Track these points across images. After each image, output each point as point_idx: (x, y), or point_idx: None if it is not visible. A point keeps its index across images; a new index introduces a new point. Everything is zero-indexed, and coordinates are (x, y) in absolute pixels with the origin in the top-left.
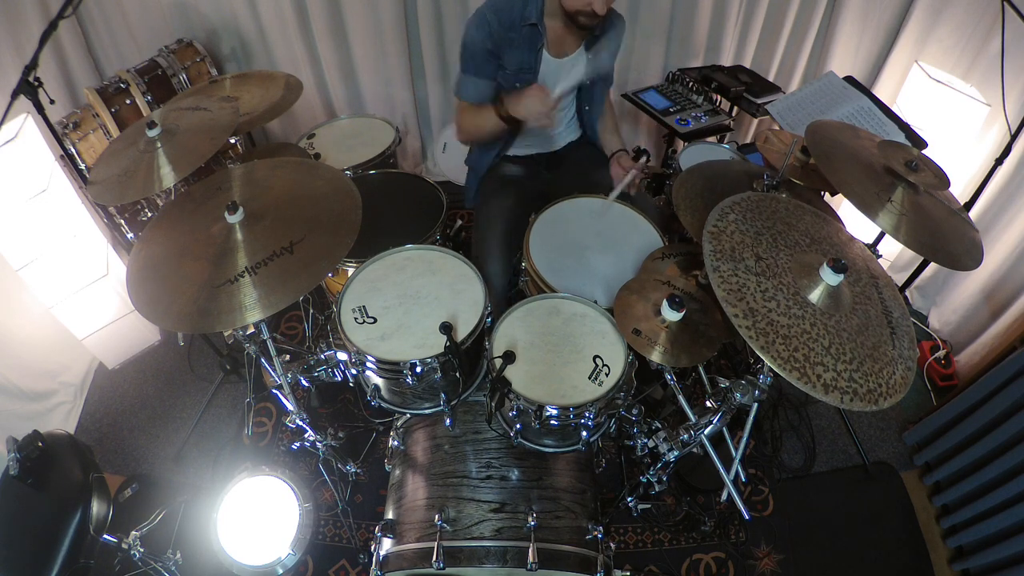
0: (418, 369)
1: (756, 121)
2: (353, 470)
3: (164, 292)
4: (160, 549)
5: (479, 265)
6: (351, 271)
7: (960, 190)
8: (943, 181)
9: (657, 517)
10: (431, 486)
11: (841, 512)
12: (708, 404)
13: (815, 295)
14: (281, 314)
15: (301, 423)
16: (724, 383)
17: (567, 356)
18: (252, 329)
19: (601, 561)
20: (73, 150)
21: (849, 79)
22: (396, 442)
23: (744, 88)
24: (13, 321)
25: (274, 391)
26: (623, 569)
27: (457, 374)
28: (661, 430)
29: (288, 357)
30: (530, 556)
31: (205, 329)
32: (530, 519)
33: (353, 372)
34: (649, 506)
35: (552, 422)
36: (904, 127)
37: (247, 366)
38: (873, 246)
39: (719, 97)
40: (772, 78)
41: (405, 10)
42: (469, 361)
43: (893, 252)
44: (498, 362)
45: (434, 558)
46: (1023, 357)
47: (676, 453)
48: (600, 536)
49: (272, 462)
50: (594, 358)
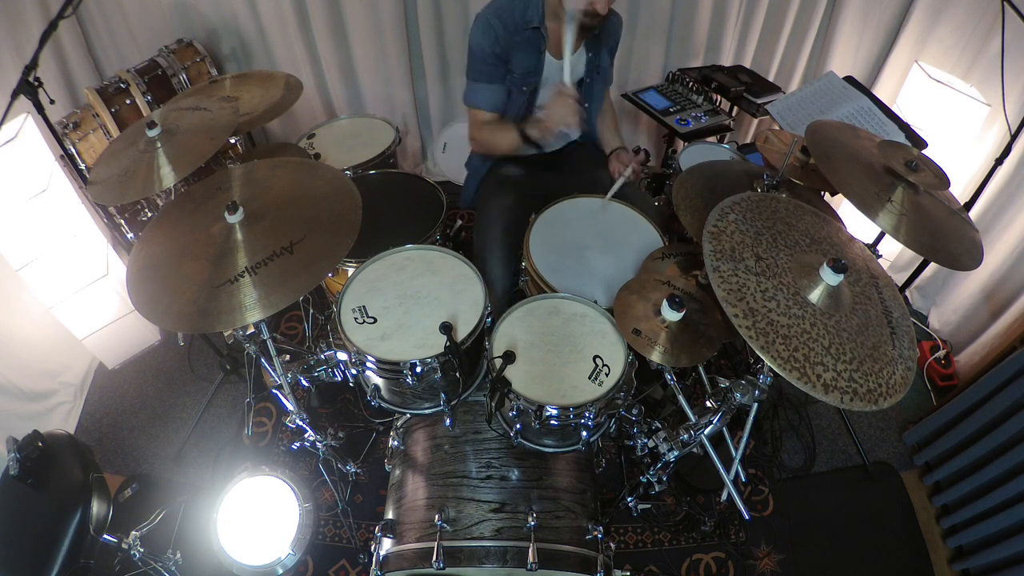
0: (418, 369)
1: (756, 121)
2: (353, 470)
3: (164, 292)
4: (160, 549)
5: (480, 266)
6: (351, 271)
7: (960, 190)
8: (943, 181)
9: (657, 517)
10: (431, 486)
11: (841, 512)
12: (708, 404)
13: (815, 295)
14: (281, 314)
15: (301, 423)
16: (724, 383)
17: (567, 356)
18: (252, 329)
19: (601, 561)
20: (73, 150)
21: (849, 79)
22: (396, 442)
23: (744, 88)
24: (13, 321)
25: (274, 391)
26: (623, 569)
27: (457, 374)
28: (661, 430)
29: (288, 357)
30: (530, 556)
31: (205, 329)
32: (530, 519)
33: (353, 372)
34: (649, 506)
35: (552, 422)
36: (904, 127)
37: (247, 366)
38: (873, 246)
39: (719, 97)
40: (772, 78)
41: (405, 10)
42: (469, 361)
43: (893, 252)
44: (498, 362)
45: (434, 558)
46: (1023, 357)
47: (676, 453)
48: (600, 536)
49: (272, 462)
50: (594, 358)
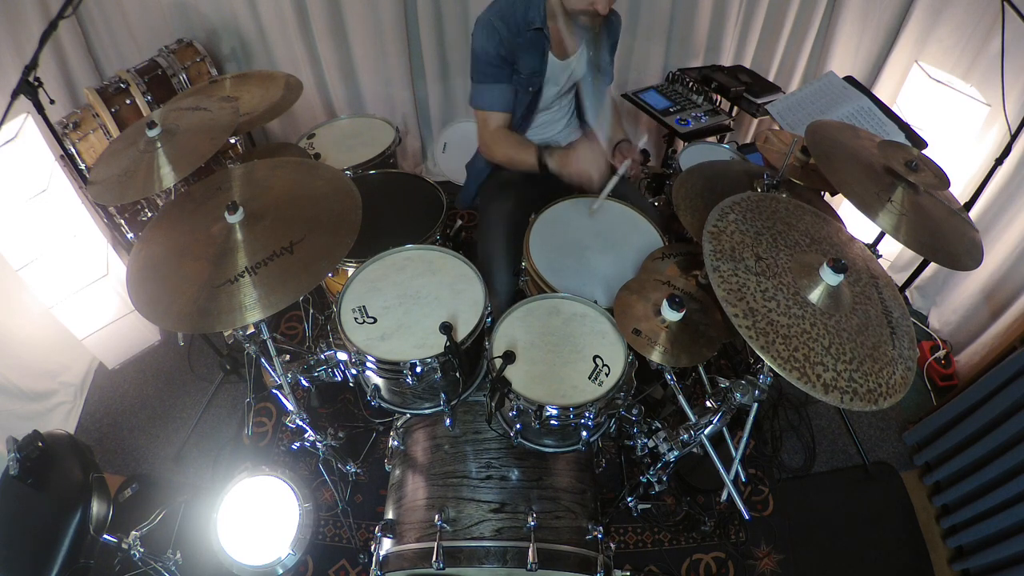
0: (418, 369)
1: (756, 121)
2: (353, 470)
3: (164, 292)
4: (160, 549)
5: (484, 270)
6: (351, 271)
7: (960, 190)
8: (943, 181)
9: (657, 517)
10: (431, 486)
11: (841, 512)
12: (708, 404)
13: (815, 295)
14: (281, 314)
15: (301, 423)
16: (724, 383)
17: (567, 356)
18: (252, 329)
19: (601, 561)
20: (73, 150)
21: (849, 79)
22: (396, 442)
23: (744, 88)
24: (13, 321)
25: (274, 391)
26: (623, 569)
27: (457, 374)
28: (661, 430)
29: (288, 357)
30: (530, 556)
31: (205, 329)
32: (530, 519)
33: (353, 372)
34: (649, 506)
35: (552, 422)
36: (904, 127)
37: (247, 366)
38: (873, 246)
39: (719, 97)
40: (772, 78)
41: (405, 10)
42: (469, 361)
43: (893, 252)
44: (498, 362)
45: (434, 558)
46: (1023, 357)
47: (676, 453)
48: (600, 536)
49: (272, 462)
50: (594, 358)
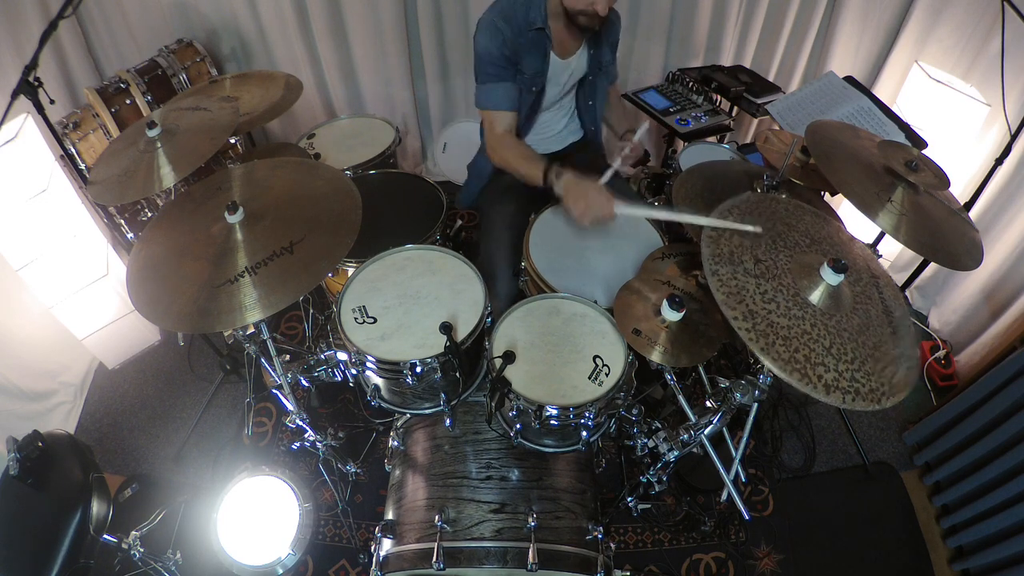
0: (418, 369)
1: (756, 121)
2: (353, 470)
3: (164, 292)
4: (160, 549)
5: (486, 271)
6: (351, 271)
7: (960, 190)
8: (943, 181)
9: (657, 517)
10: (431, 486)
11: (841, 512)
12: (708, 404)
13: (816, 296)
14: (281, 314)
15: (301, 423)
16: (724, 383)
17: (567, 356)
18: (252, 329)
19: (601, 561)
20: (73, 150)
21: (849, 79)
22: (396, 442)
23: (744, 88)
24: (13, 321)
25: (274, 391)
26: (623, 569)
27: (457, 374)
28: (661, 430)
29: (288, 357)
30: (530, 556)
31: (205, 329)
32: (530, 519)
33: (353, 372)
34: (649, 506)
35: (552, 422)
36: (904, 127)
37: (247, 366)
38: (873, 246)
39: (719, 97)
40: (772, 78)
41: (405, 10)
42: (469, 361)
43: (893, 252)
44: (498, 362)
45: (434, 559)
46: (1023, 357)
47: (676, 453)
48: (600, 536)
49: (272, 462)
50: (594, 358)
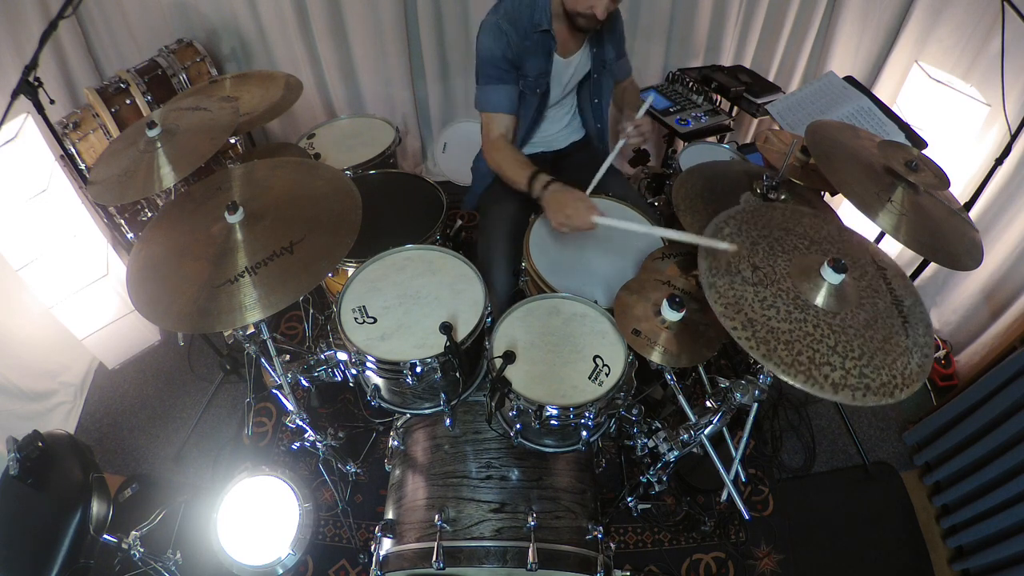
0: (418, 369)
1: (756, 121)
2: (353, 470)
3: (164, 292)
4: (160, 549)
5: (484, 270)
6: (351, 271)
7: (960, 190)
8: (943, 181)
9: (657, 517)
10: (431, 486)
11: (841, 512)
12: (708, 404)
13: (819, 296)
14: (281, 314)
15: (301, 423)
16: (724, 383)
17: (567, 356)
18: (252, 329)
19: (601, 561)
20: (73, 150)
21: (849, 79)
22: (396, 442)
23: (744, 88)
24: (13, 321)
25: (274, 391)
26: (623, 569)
27: (457, 374)
28: (661, 430)
29: (288, 357)
30: (530, 556)
31: (205, 329)
32: (530, 519)
33: (353, 372)
34: (649, 506)
35: (552, 422)
36: (904, 127)
37: (247, 366)
38: None
39: (719, 97)
40: (772, 78)
41: (405, 10)
42: (469, 361)
43: (893, 252)
44: (498, 362)
45: (434, 558)
46: (1023, 357)
47: (676, 453)
48: (600, 536)
49: (272, 462)
50: (594, 358)
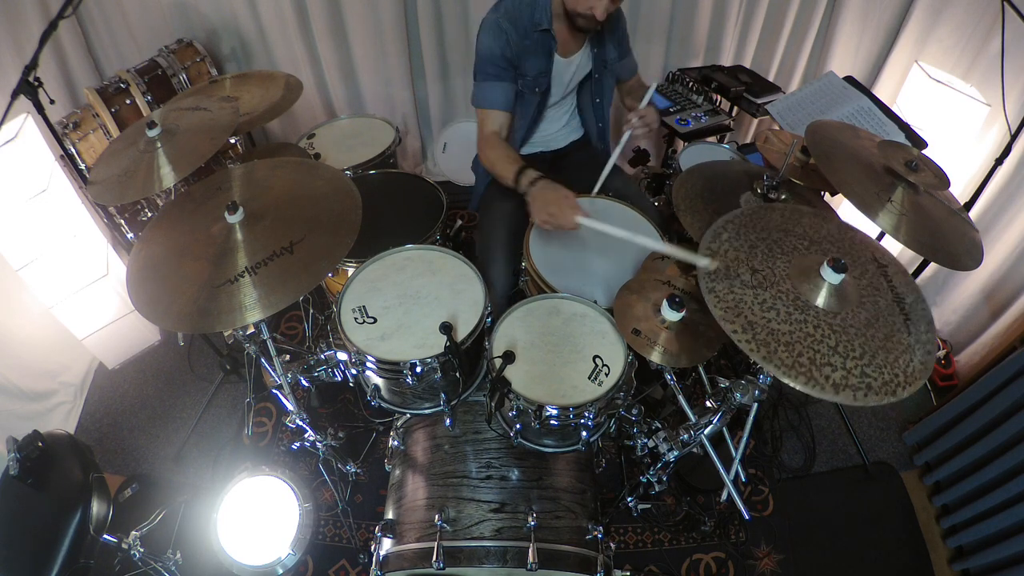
0: (418, 369)
1: (756, 121)
2: (353, 470)
3: (164, 292)
4: (160, 549)
5: (482, 268)
6: (351, 271)
7: (960, 190)
8: (943, 181)
9: (657, 517)
10: (431, 486)
11: (841, 512)
12: (708, 404)
13: (819, 297)
14: (281, 314)
15: (301, 423)
16: (724, 383)
17: (567, 356)
18: (252, 329)
19: (601, 561)
20: (73, 150)
21: (849, 79)
22: (396, 442)
23: (744, 88)
24: (13, 321)
25: (274, 391)
26: (623, 569)
27: (457, 374)
28: (661, 430)
29: (288, 357)
30: (530, 556)
31: (205, 329)
32: (530, 519)
33: (353, 372)
34: (649, 506)
35: (552, 422)
36: (904, 127)
37: (247, 366)
38: None
39: (719, 97)
40: (772, 78)
41: (405, 10)
42: (469, 361)
43: (893, 252)
44: (498, 362)
45: (434, 558)
46: (1023, 357)
47: (676, 453)
48: (600, 536)
49: (272, 462)
50: (594, 358)
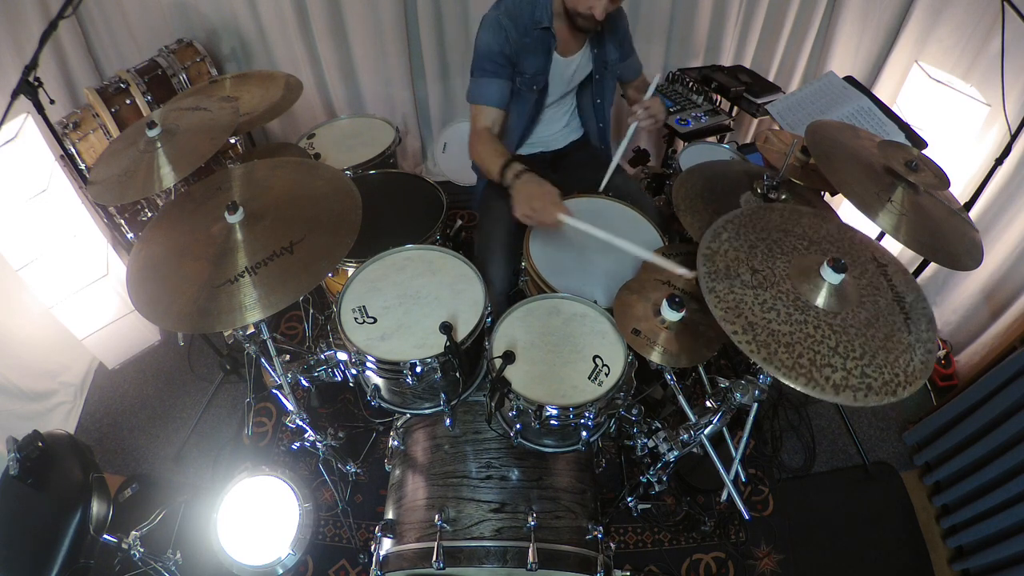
0: (418, 369)
1: (756, 121)
2: (353, 470)
3: (164, 292)
4: (160, 549)
5: (481, 266)
6: (351, 271)
7: (960, 190)
8: (943, 181)
9: (657, 517)
10: (431, 486)
11: (841, 512)
12: (708, 404)
13: (819, 297)
14: (281, 314)
15: (301, 423)
16: (724, 383)
17: (567, 356)
18: (252, 329)
19: (601, 561)
20: (73, 150)
21: (849, 79)
22: (396, 442)
23: (744, 88)
24: (13, 321)
25: (274, 391)
26: (623, 569)
27: (457, 374)
28: (661, 430)
29: (288, 357)
30: (530, 556)
31: (205, 329)
32: (530, 519)
33: (353, 372)
34: (649, 506)
35: (552, 422)
36: (904, 127)
37: (247, 366)
38: None
39: (719, 97)
40: (772, 78)
41: (405, 10)
42: (469, 361)
43: (893, 252)
44: (498, 362)
45: (434, 558)
46: (1023, 357)
47: (676, 453)
48: (600, 536)
49: (272, 462)
50: (594, 358)
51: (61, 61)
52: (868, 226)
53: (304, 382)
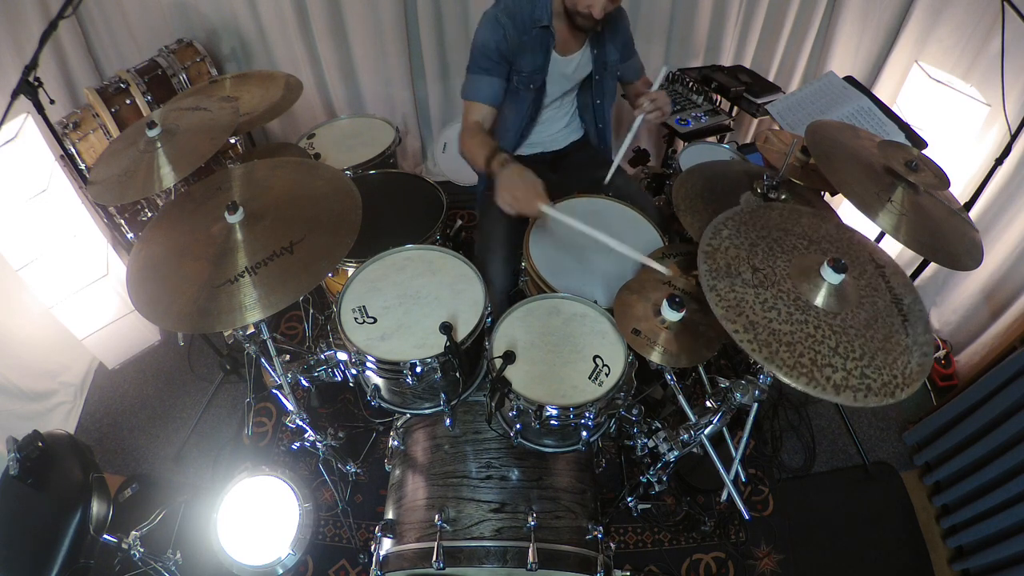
0: (418, 369)
1: (756, 121)
2: (353, 470)
3: (164, 292)
4: (160, 549)
5: (481, 266)
6: (351, 271)
7: (960, 190)
8: (943, 181)
9: (657, 517)
10: (431, 486)
11: (841, 512)
12: (708, 404)
13: (819, 297)
14: (281, 314)
15: (301, 423)
16: (724, 383)
17: (567, 356)
18: (252, 329)
19: (601, 561)
20: (73, 150)
21: (849, 79)
22: (396, 442)
23: (744, 88)
24: (13, 321)
25: (274, 391)
26: (623, 569)
27: (457, 374)
28: (661, 430)
29: (288, 357)
30: (530, 556)
31: (205, 329)
32: (530, 519)
33: (353, 372)
34: (649, 506)
35: (552, 422)
36: (904, 127)
37: (247, 366)
38: None
39: (719, 97)
40: (772, 78)
41: (405, 10)
42: (469, 361)
43: (893, 252)
44: (498, 362)
45: (434, 558)
46: (1023, 357)
47: (676, 453)
48: (600, 536)
49: (272, 462)
50: (594, 358)
51: (61, 61)
52: (868, 226)
53: (304, 382)
